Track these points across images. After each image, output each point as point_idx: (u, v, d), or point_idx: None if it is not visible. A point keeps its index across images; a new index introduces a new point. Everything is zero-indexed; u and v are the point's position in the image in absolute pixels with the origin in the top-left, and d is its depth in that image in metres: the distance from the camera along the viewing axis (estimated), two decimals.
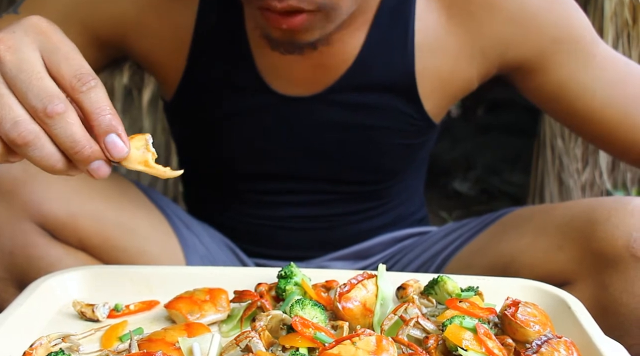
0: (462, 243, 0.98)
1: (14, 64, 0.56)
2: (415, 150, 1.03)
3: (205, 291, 0.70)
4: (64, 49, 0.58)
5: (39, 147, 0.56)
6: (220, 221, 1.07)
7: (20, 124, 0.56)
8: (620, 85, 0.91)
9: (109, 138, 0.57)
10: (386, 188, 1.05)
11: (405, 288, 0.70)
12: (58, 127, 0.56)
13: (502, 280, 0.74)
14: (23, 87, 0.56)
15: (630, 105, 0.91)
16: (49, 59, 0.57)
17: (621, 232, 0.75)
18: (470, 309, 0.64)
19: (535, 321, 0.62)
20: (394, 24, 0.90)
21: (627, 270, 0.74)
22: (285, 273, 0.70)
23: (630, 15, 1.55)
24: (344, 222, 1.04)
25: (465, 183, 2.29)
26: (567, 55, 0.91)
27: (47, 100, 0.56)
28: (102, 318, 0.68)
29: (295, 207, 1.02)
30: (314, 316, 0.62)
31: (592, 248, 0.77)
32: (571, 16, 0.92)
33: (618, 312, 0.74)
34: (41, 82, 0.56)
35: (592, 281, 0.77)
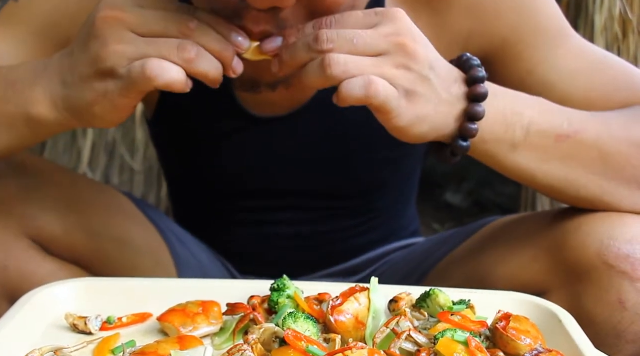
0: (443, 254, 0.98)
1: (134, 23, 0.66)
2: (399, 161, 1.02)
3: (198, 304, 0.70)
4: (143, 17, 0.67)
5: (205, 56, 0.66)
6: (209, 240, 1.06)
7: (185, 44, 0.66)
8: (586, 74, 0.87)
9: (234, 37, 0.68)
10: (375, 201, 1.04)
11: (397, 301, 0.70)
12: (203, 38, 0.67)
13: (493, 293, 0.75)
14: (157, 28, 0.66)
15: (593, 95, 0.86)
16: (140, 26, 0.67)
17: (592, 239, 0.74)
18: (462, 322, 0.64)
19: (527, 335, 0.62)
20: None
21: (600, 278, 0.73)
22: (278, 286, 0.70)
23: (621, 30, 1.57)
24: (334, 239, 1.04)
25: (457, 196, 2.30)
26: (528, 47, 0.87)
27: (180, 22, 0.66)
28: (94, 331, 0.68)
29: (283, 225, 1.01)
30: (307, 330, 0.62)
31: (565, 257, 0.76)
32: (535, 6, 0.88)
33: (593, 322, 0.73)
34: (162, 18, 0.67)
35: (566, 291, 0.76)
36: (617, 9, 1.57)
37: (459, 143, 0.72)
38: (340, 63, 0.65)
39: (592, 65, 0.87)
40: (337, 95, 0.67)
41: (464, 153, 0.73)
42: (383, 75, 0.66)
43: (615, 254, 0.72)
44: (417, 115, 0.69)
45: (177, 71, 0.65)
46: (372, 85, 0.65)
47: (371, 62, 0.66)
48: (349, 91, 0.65)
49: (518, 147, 0.74)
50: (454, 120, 0.71)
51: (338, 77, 0.65)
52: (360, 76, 0.65)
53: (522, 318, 0.65)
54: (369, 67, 0.66)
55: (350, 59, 0.66)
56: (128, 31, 0.66)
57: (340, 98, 0.66)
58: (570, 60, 0.87)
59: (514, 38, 0.88)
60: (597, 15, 1.56)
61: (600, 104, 0.86)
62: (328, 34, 0.66)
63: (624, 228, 0.74)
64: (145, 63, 0.65)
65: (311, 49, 0.66)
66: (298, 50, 0.67)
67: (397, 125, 0.69)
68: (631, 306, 0.72)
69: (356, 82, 0.65)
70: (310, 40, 0.66)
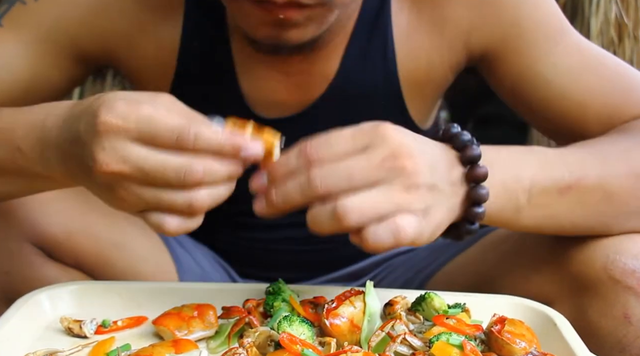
0: (444, 261, 0.98)
1: (138, 173, 0.60)
2: None
3: (193, 307, 0.70)
4: (144, 127, 0.60)
5: (214, 195, 0.63)
6: (212, 244, 1.06)
7: (190, 199, 0.61)
8: (581, 73, 0.86)
9: (243, 154, 0.62)
10: None
11: (392, 304, 0.71)
12: (210, 181, 0.62)
13: (488, 296, 0.75)
14: (160, 177, 0.60)
15: (587, 96, 0.86)
16: (144, 141, 0.60)
17: (598, 253, 0.74)
18: (457, 326, 0.64)
19: (522, 338, 0.63)
20: (372, 36, 0.89)
21: (606, 292, 0.73)
22: (274, 290, 0.70)
23: (616, 34, 1.58)
24: (337, 241, 1.04)
25: None
26: (527, 42, 0.87)
27: (184, 171, 0.60)
28: (89, 334, 0.68)
29: (288, 228, 1.01)
30: (302, 333, 0.62)
31: (570, 270, 0.76)
32: (535, 2, 0.88)
33: (597, 335, 0.73)
34: (163, 163, 0.60)
35: (571, 304, 0.76)
36: (612, 12, 1.57)
37: (468, 228, 0.69)
38: (354, 210, 0.59)
39: (589, 64, 0.87)
40: (364, 246, 0.61)
41: (474, 234, 0.70)
42: (398, 206, 0.61)
43: (621, 269, 0.72)
44: (437, 225, 0.65)
45: (177, 224, 0.63)
46: (401, 231, 0.60)
47: (382, 198, 0.60)
48: (377, 241, 0.60)
49: (522, 210, 0.72)
50: (459, 206, 0.68)
51: (356, 226, 0.60)
52: (384, 222, 0.60)
53: (517, 322, 0.65)
54: (382, 203, 0.60)
55: (359, 202, 0.60)
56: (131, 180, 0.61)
57: (369, 248, 0.60)
58: (568, 57, 0.87)
59: (514, 33, 0.87)
60: (592, 19, 1.57)
61: (595, 105, 0.85)
62: (320, 177, 0.60)
63: (630, 244, 0.74)
64: (145, 215, 0.64)
65: (305, 194, 0.61)
66: (290, 193, 0.62)
67: (420, 244, 0.64)
68: (636, 321, 0.72)
69: (382, 232, 0.60)
70: (302, 183, 0.61)
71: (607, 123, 0.85)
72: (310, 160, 0.61)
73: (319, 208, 0.61)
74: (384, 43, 0.90)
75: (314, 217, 0.61)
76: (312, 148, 0.62)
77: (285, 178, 0.62)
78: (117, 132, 0.59)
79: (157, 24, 0.90)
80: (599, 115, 0.85)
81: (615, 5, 1.57)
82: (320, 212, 0.61)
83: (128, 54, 0.91)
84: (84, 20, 0.88)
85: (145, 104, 0.61)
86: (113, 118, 0.59)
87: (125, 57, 0.91)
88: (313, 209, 0.61)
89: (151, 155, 0.60)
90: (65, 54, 0.88)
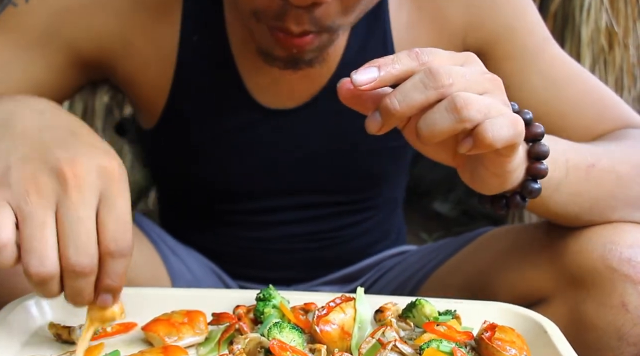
0: (438, 264, 0.99)
1: (73, 205, 0.55)
2: (401, 150, 1.03)
3: (183, 313, 0.70)
4: (119, 207, 0.57)
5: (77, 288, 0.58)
6: (204, 245, 1.06)
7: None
8: (564, 84, 0.89)
9: (105, 296, 0.60)
10: (374, 198, 1.05)
11: (383, 311, 0.70)
12: (76, 282, 0.57)
13: (479, 303, 0.75)
14: (69, 235, 0.55)
15: (567, 107, 0.88)
16: (102, 209, 0.57)
17: (595, 244, 0.75)
18: (447, 333, 0.64)
19: (512, 345, 0.63)
20: (372, 26, 0.91)
21: (603, 281, 0.74)
22: (264, 296, 0.70)
23: (606, 42, 1.59)
24: (334, 240, 1.04)
25: (445, 205, 2.31)
26: (518, 47, 0.90)
27: (81, 260, 0.56)
28: (78, 341, 0.68)
29: (286, 225, 1.02)
30: (292, 340, 0.62)
31: (567, 262, 0.77)
32: (526, 9, 0.92)
33: (596, 326, 0.74)
34: (87, 241, 0.56)
35: (569, 297, 0.77)
36: (603, 21, 1.58)
37: (531, 187, 0.67)
38: (476, 101, 0.56)
39: (569, 77, 0.90)
40: (479, 139, 0.57)
41: (536, 196, 0.68)
42: (504, 114, 0.58)
43: (617, 258, 0.73)
44: (521, 158, 0.64)
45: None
46: (518, 122, 0.58)
47: (493, 100, 0.58)
48: (497, 132, 0.56)
49: (560, 185, 0.72)
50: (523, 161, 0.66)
51: (475, 119, 0.56)
52: (501, 115, 0.57)
53: (508, 329, 0.65)
54: (496, 104, 0.58)
55: (475, 96, 0.57)
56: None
57: (487, 141, 0.56)
58: (552, 67, 0.90)
59: (507, 36, 0.90)
60: (583, 27, 1.58)
61: (573, 117, 0.89)
62: (441, 70, 0.56)
63: (625, 234, 0.75)
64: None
65: (427, 86, 0.56)
66: (409, 91, 0.56)
67: (509, 169, 0.63)
68: (633, 309, 0.73)
69: (501, 122, 0.57)
70: (423, 77, 0.56)
71: (584, 134, 0.88)
72: (425, 61, 0.58)
73: (435, 106, 0.56)
74: (383, 36, 0.91)
75: (428, 117, 0.56)
76: (423, 52, 0.58)
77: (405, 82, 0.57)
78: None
79: (154, 22, 0.89)
80: (576, 127, 0.88)
81: (606, 13, 1.58)
82: (437, 109, 0.56)
83: (125, 54, 0.90)
84: (77, 21, 0.87)
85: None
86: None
87: (122, 58, 0.90)
88: (427, 113, 0.57)
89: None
90: (60, 58, 0.87)
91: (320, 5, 0.71)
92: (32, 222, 0.54)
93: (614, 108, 0.90)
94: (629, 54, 1.63)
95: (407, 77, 0.57)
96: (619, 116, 0.90)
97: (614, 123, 0.89)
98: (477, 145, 0.57)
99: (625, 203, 0.78)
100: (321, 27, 0.75)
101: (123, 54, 0.90)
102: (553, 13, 1.63)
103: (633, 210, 0.79)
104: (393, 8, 0.91)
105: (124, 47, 0.90)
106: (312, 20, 0.73)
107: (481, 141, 0.57)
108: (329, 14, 0.73)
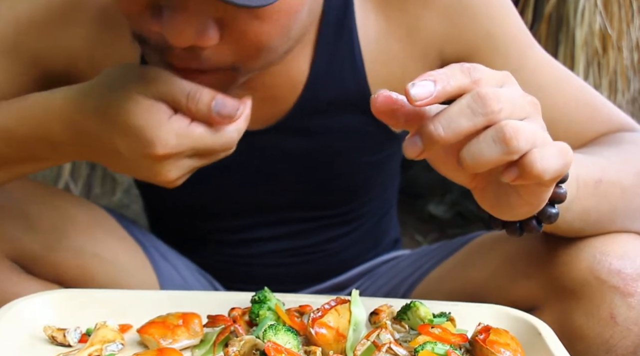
0: (429, 268, 0.98)
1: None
2: (382, 164, 1.01)
3: (178, 315, 0.70)
4: (200, 148, 0.69)
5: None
6: (191, 258, 1.05)
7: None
8: (551, 90, 0.86)
9: (215, 107, 0.67)
10: (361, 207, 1.04)
11: (378, 313, 0.71)
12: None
13: (473, 305, 0.75)
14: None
15: (556, 113, 0.85)
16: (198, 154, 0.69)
17: (584, 254, 0.75)
18: (442, 335, 0.64)
19: (506, 348, 0.63)
20: (338, 40, 0.87)
21: (592, 293, 0.73)
22: (259, 298, 0.70)
23: (601, 45, 1.60)
24: (321, 254, 1.03)
25: (440, 207, 2.31)
26: (501, 55, 0.85)
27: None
28: (73, 343, 0.68)
29: (270, 241, 1.01)
30: (287, 342, 0.62)
31: (556, 272, 0.77)
32: (507, 15, 0.87)
33: (585, 336, 0.74)
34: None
35: (558, 307, 0.77)
36: (597, 24, 1.59)
37: (549, 212, 0.64)
38: (525, 130, 0.53)
39: (556, 82, 0.87)
40: (527, 170, 0.53)
41: (554, 221, 0.66)
42: (551, 142, 0.56)
43: (607, 269, 0.73)
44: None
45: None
46: (567, 151, 0.56)
47: (537, 127, 0.55)
48: (547, 163, 0.53)
49: (571, 203, 0.69)
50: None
51: (523, 149, 0.53)
52: (547, 145, 0.54)
53: (502, 331, 0.66)
54: (540, 131, 0.55)
55: (522, 125, 0.53)
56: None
57: (535, 173, 0.53)
58: (538, 74, 0.87)
59: (488, 44, 0.86)
60: (577, 30, 1.59)
61: (563, 123, 0.86)
62: (492, 91, 0.53)
63: (615, 245, 0.75)
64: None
65: (475, 113, 0.53)
66: (455, 117, 0.53)
67: (545, 198, 0.60)
68: (622, 321, 0.73)
69: (550, 153, 0.54)
70: (471, 102, 0.53)
71: (576, 140, 0.85)
72: (476, 79, 0.54)
73: (481, 135, 0.53)
74: (350, 49, 0.87)
75: (474, 146, 0.53)
76: (474, 68, 0.55)
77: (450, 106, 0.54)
78: (176, 158, 0.67)
79: (117, 43, 0.87)
80: (568, 133, 0.85)
81: (600, 16, 1.59)
82: (483, 139, 0.53)
83: (91, 73, 0.84)
84: (44, 36, 0.85)
85: (195, 127, 0.67)
86: (170, 150, 0.66)
87: (88, 76, 0.84)
88: (471, 141, 0.53)
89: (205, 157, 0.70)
90: (25, 71, 0.85)
91: (203, 48, 0.65)
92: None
93: (604, 111, 0.88)
94: (622, 56, 1.64)
95: (459, 96, 0.54)
96: (609, 119, 0.88)
97: (605, 126, 0.87)
98: (524, 176, 0.54)
99: (626, 215, 0.77)
100: (217, 66, 0.68)
101: (89, 70, 0.87)
102: (547, 16, 1.63)
103: (631, 221, 0.78)
104: (360, 17, 0.87)
105: (90, 63, 0.87)
106: (200, 59, 0.67)
107: (529, 172, 0.53)
108: (220, 56, 0.67)
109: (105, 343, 0.65)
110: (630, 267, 0.73)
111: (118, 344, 0.67)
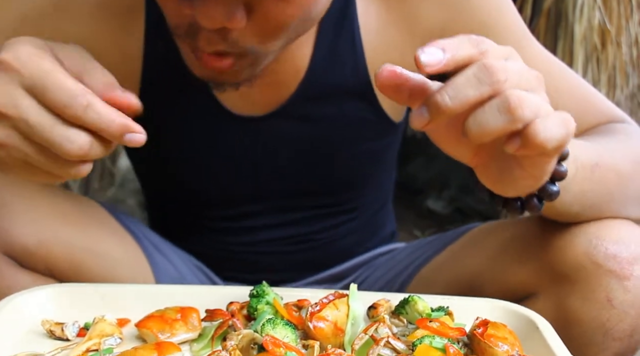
0: (425, 260, 0.99)
1: (24, 124, 0.60)
2: (381, 153, 1.02)
3: (176, 310, 0.70)
4: (38, 81, 0.59)
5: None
6: (190, 248, 1.05)
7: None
8: (544, 82, 0.88)
9: (126, 139, 0.62)
10: (357, 198, 1.05)
11: (376, 307, 0.71)
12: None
13: (471, 299, 0.75)
14: (44, 138, 0.60)
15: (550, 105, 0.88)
16: (34, 95, 0.60)
17: (580, 239, 0.75)
18: (440, 329, 0.64)
19: (504, 341, 0.63)
20: (339, 28, 0.89)
21: (588, 277, 0.74)
22: (257, 292, 0.70)
23: (599, 40, 1.59)
24: (319, 242, 1.04)
25: (439, 202, 2.31)
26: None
27: (68, 142, 0.60)
28: (71, 337, 0.68)
29: (269, 229, 1.01)
30: (285, 336, 0.62)
31: (552, 258, 0.77)
32: (503, 6, 0.89)
33: (581, 321, 0.74)
34: (51, 125, 0.59)
35: (553, 292, 0.77)
36: (596, 19, 1.59)
37: (551, 189, 0.65)
38: (529, 100, 0.54)
39: (550, 75, 0.86)
40: (530, 139, 0.54)
41: (555, 199, 0.67)
42: (554, 113, 0.56)
43: (603, 253, 0.74)
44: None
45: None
46: (569, 121, 0.56)
47: (541, 98, 0.56)
48: (549, 132, 0.54)
49: (569, 184, 0.70)
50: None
51: (527, 119, 0.54)
52: (551, 115, 0.55)
53: (500, 325, 0.66)
54: (544, 103, 0.56)
55: (526, 95, 0.54)
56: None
57: (538, 142, 0.54)
58: (532, 65, 0.86)
59: (484, 34, 0.86)
60: (576, 25, 1.58)
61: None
62: (499, 62, 0.54)
63: (611, 229, 0.76)
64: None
65: (482, 82, 0.54)
66: (462, 86, 0.54)
67: (548, 170, 0.60)
68: (618, 304, 0.73)
69: (553, 122, 0.55)
70: (477, 71, 0.54)
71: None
72: (483, 50, 0.56)
73: (487, 105, 0.54)
74: (351, 38, 0.89)
75: (479, 116, 0.54)
76: (482, 40, 0.57)
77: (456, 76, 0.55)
78: (11, 74, 0.60)
79: (120, 30, 0.88)
80: None
81: (599, 11, 1.59)
82: (488, 108, 0.54)
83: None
84: (41, 27, 0.84)
85: (47, 59, 0.61)
86: (12, 60, 0.60)
87: None
88: (476, 111, 0.54)
89: (39, 112, 0.60)
90: None
91: (232, 30, 0.67)
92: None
93: (597, 103, 0.90)
94: (621, 52, 1.63)
95: (466, 66, 0.55)
96: (601, 111, 0.89)
97: (597, 118, 0.88)
98: (527, 146, 0.54)
99: (621, 200, 0.78)
100: (240, 50, 0.71)
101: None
102: (546, 11, 1.63)
103: (626, 207, 0.79)
104: (361, 8, 0.89)
105: (93, 55, 0.87)
106: (227, 42, 0.69)
107: (532, 141, 0.54)
108: (245, 39, 0.69)
109: (104, 337, 0.66)
110: (626, 251, 0.74)
111: (116, 338, 0.67)
